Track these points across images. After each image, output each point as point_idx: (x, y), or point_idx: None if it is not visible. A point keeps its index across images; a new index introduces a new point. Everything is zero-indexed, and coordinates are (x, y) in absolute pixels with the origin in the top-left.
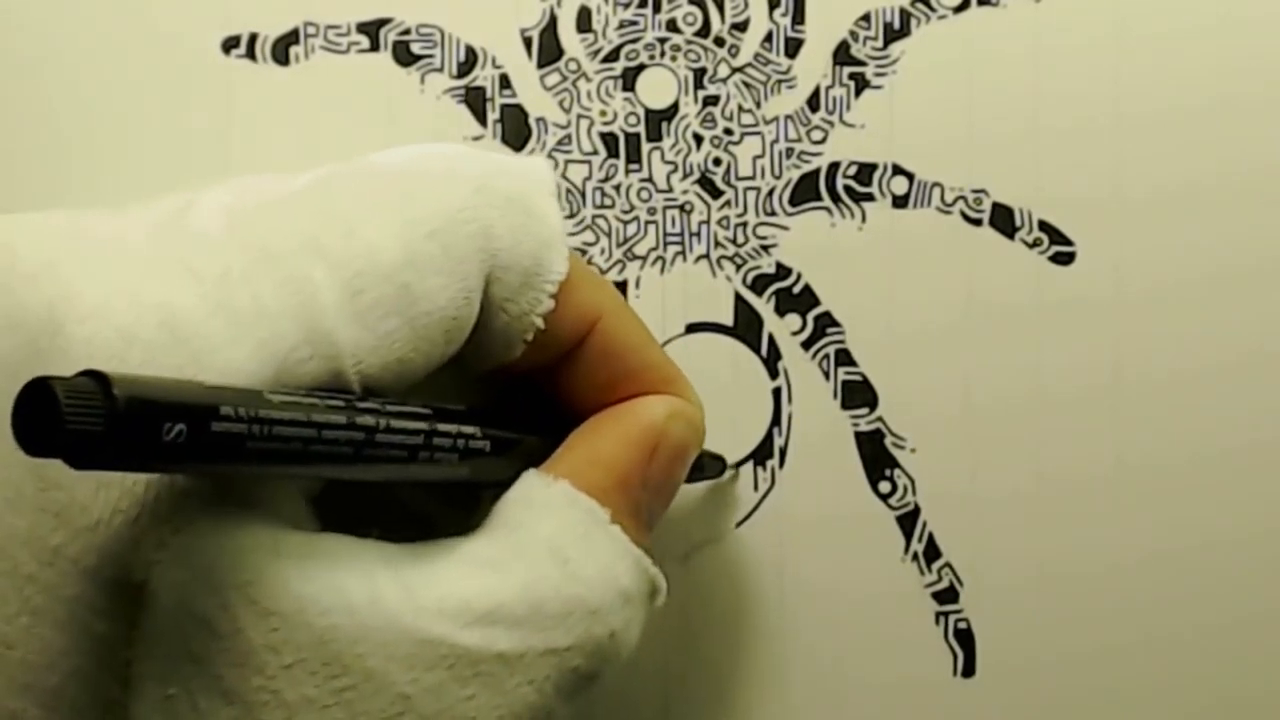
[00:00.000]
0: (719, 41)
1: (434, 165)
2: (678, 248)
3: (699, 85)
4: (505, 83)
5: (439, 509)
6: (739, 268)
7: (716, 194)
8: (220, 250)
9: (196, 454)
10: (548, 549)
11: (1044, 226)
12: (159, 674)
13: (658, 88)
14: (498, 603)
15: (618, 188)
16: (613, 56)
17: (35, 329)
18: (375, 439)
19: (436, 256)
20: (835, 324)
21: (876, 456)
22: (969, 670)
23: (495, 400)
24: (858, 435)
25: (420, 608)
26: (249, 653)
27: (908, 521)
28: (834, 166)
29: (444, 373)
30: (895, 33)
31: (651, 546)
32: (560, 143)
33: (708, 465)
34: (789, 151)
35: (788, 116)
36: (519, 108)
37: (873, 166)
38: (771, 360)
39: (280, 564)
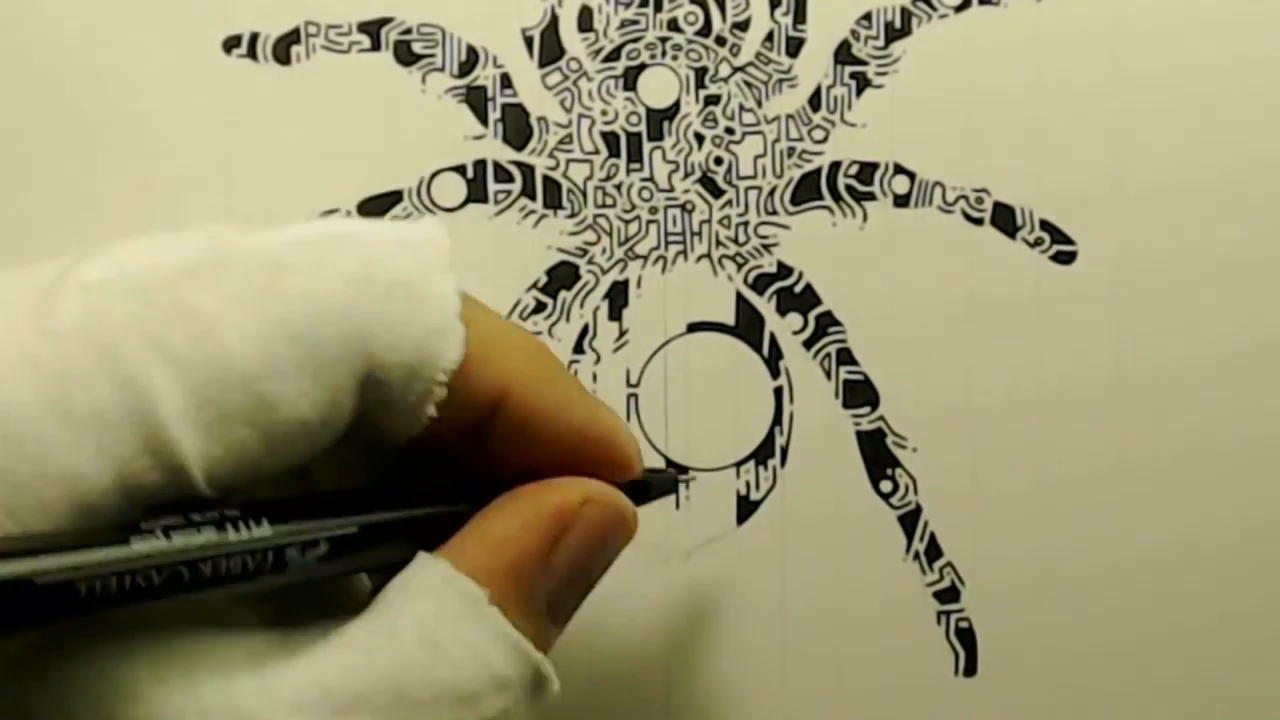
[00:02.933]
0: (720, 41)
1: (308, 254)
2: (679, 247)
3: (700, 84)
4: (506, 82)
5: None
6: (740, 267)
7: (718, 193)
8: (65, 344)
9: (16, 620)
10: (417, 632)
11: (1045, 226)
12: None
13: (659, 87)
14: (360, 691)
15: (619, 187)
16: (614, 56)
17: None
18: (226, 557)
19: (300, 361)
20: (836, 323)
21: (878, 456)
22: (970, 669)
23: (418, 472)
24: (859, 434)
25: (276, 702)
26: None
27: (909, 521)
28: (835, 166)
29: (354, 443)
30: (896, 32)
31: (553, 634)
32: (561, 142)
33: (656, 484)
34: (790, 151)
35: (789, 116)
36: (520, 107)
37: (874, 166)
38: (773, 359)
39: (128, 667)
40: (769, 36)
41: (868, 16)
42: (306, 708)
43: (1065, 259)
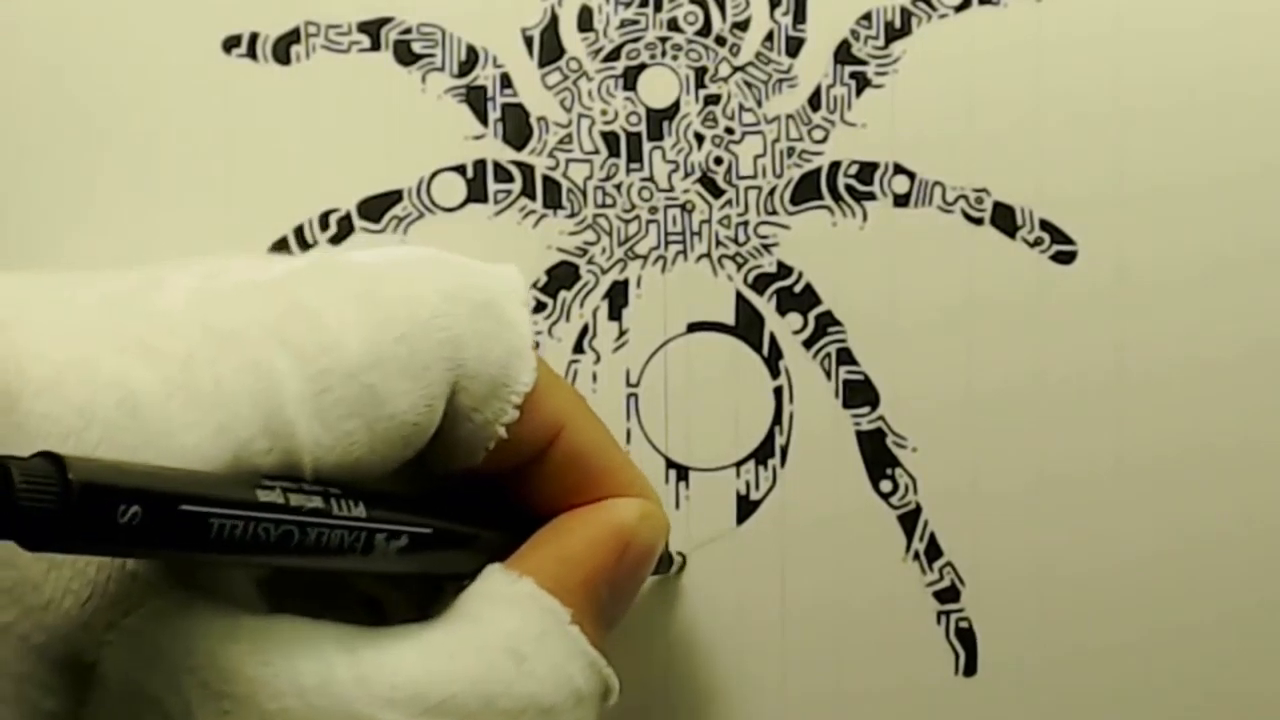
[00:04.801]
0: (720, 40)
1: (406, 267)
2: (679, 247)
3: (700, 84)
4: (506, 82)
5: (389, 595)
6: (740, 267)
7: (718, 193)
8: (183, 330)
9: (151, 539)
10: (504, 645)
11: (1045, 225)
12: None
13: (659, 87)
14: (450, 694)
15: (619, 187)
16: (614, 55)
17: None
18: (330, 528)
19: (404, 361)
20: (836, 323)
21: (878, 455)
22: (970, 669)
23: (458, 497)
24: (859, 434)
25: (373, 694)
26: None
27: (909, 520)
28: (835, 165)
29: (407, 469)
30: (896, 31)
31: (607, 648)
32: (561, 142)
33: (660, 561)
34: (790, 151)
35: (789, 116)
36: (520, 107)
37: (874, 165)
38: (773, 359)
39: (233, 647)
40: (769, 36)
41: (868, 16)
42: (399, 704)
43: (1065, 259)
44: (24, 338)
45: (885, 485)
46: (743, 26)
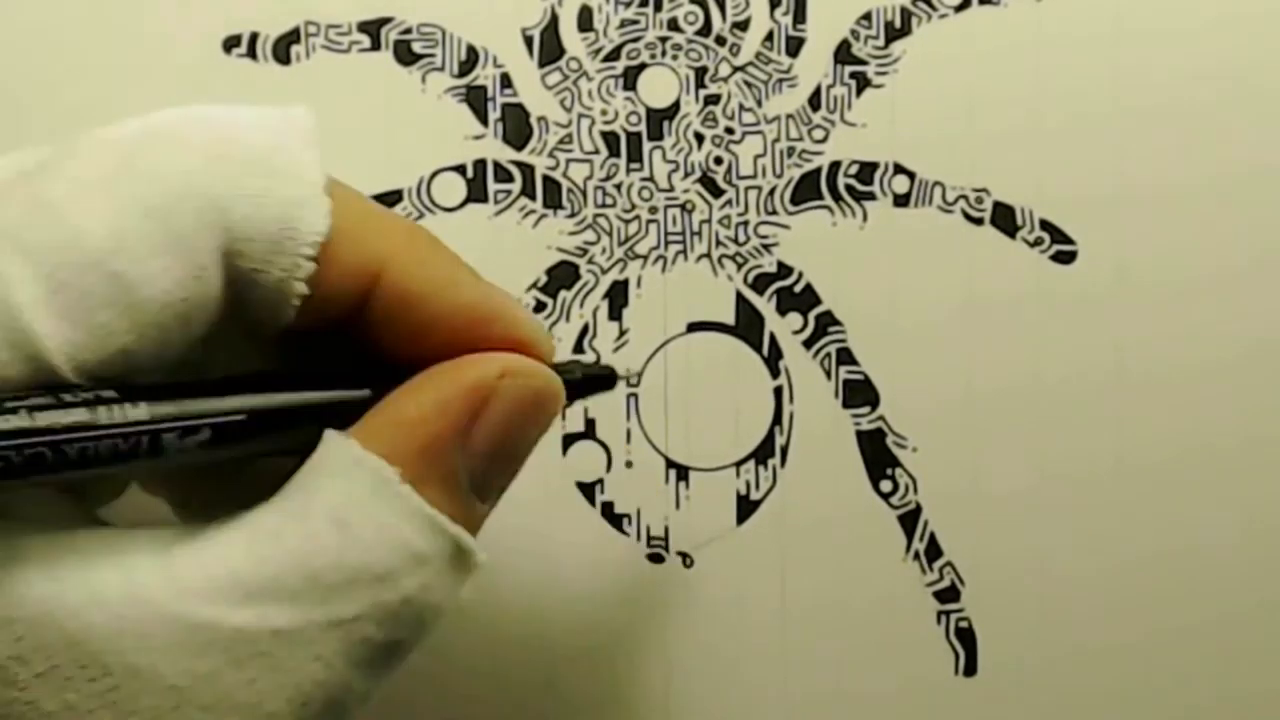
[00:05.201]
0: (720, 40)
1: (166, 136)
2: (679, 247)
3: (700, 84)
4: (506, 82)
5: (216, 482)
6: (740, 267)
7: (718, 193)
8: None
9: None
10: (327, 514)
11: (1045, 225)
12: None
13: (659, 87)
14: (271, 575)
15: (619, 187)
16: (614, 55)
17: None
18: (97, 439)
19: (155, 237)
20: (836, 323)
21: (878, 455)
22: (970, 669)
23: (323, 358)
24: (859, 434)
25: (184, 590)
26: None
27: (909, 520)
28: (835, 165)
29: (252, 346)
30: (896, 31)
31: (483, 511)
32: (561, 142)
33: (587, 383)
34: (790, 151)
35: (789, 115)
36: (520, 107)
37: (874, 165)
38: (773, 359)
39: (18, 568)
40: (769, 36)
41: (868, 16)
42: (215, 594)
43: (1065, 259)
44: None
45: (885, 485)
46: (743, 26)
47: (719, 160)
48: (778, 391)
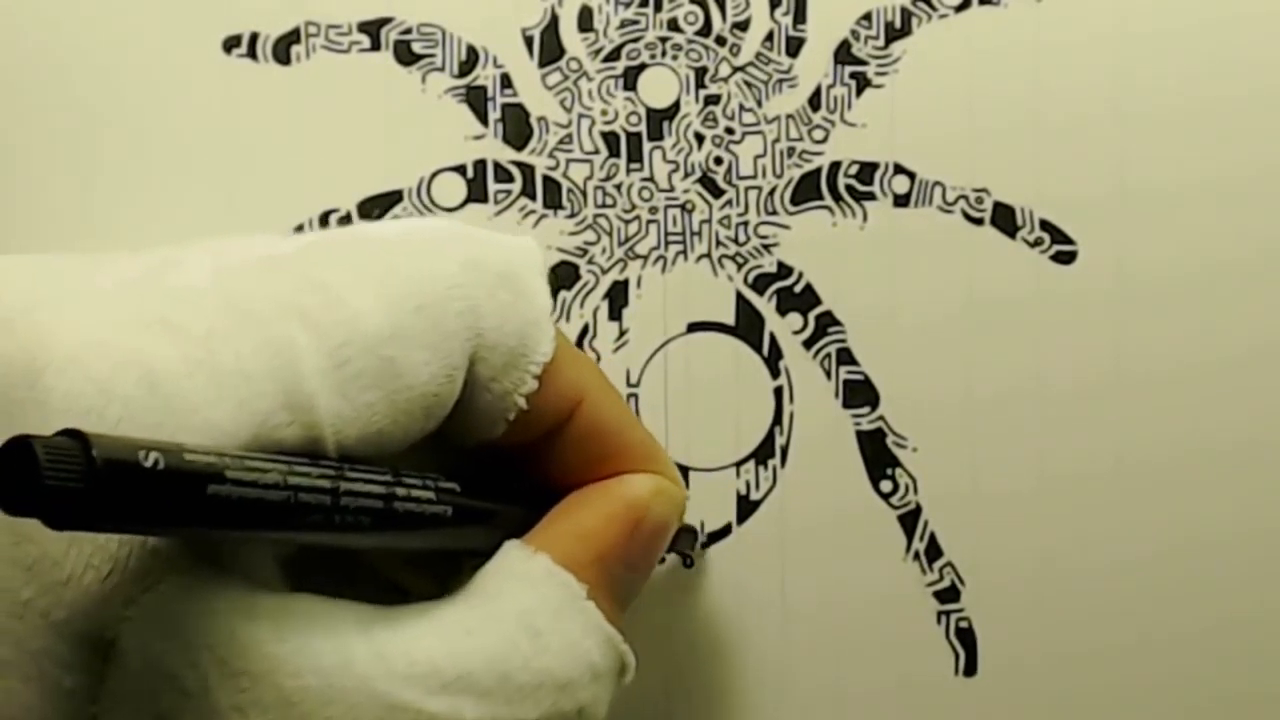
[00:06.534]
0: (720, 40)
1: (424, 239)
2: (679, 247)
3: (700, 84)
4: (506, 82)
5: (411, 577)
6: (740, 267)
7: (718, 193)
8: (202, 307)
9: (174, 517)
10: (520, 621)
11: (1045, 226)
12: None
13: (659, 87)
14: (466, 670)
15: (619, 187)
16: (614, 56)
17: (10, 378)
18: (351, 504)
19: (423, 331)
20: (836, 323)
21: (878, 455)
22: (970, 669)
23: (476, 472)
24: (859, 434)
25: (391, 672)
26: (216, 713)
27: (909, 520)
28: (835, 166)
29: (425, 444)
30: (896, 32)
31: (624, 624)
32: (561, 142)
33: (680, 538)
34: (790, 151)
35: (789, 116)
36: (520, 107)
37: (874, 166)
38: (773, 359)
39: (252, 625)
40: (769, 36)
41: (868, 16)
42: (416, 681)
43: (1065, 259)
44: (47, 318)
45: (885, 485)
46: (743, 26)
47: (719, 160)
48: (778, 392)
